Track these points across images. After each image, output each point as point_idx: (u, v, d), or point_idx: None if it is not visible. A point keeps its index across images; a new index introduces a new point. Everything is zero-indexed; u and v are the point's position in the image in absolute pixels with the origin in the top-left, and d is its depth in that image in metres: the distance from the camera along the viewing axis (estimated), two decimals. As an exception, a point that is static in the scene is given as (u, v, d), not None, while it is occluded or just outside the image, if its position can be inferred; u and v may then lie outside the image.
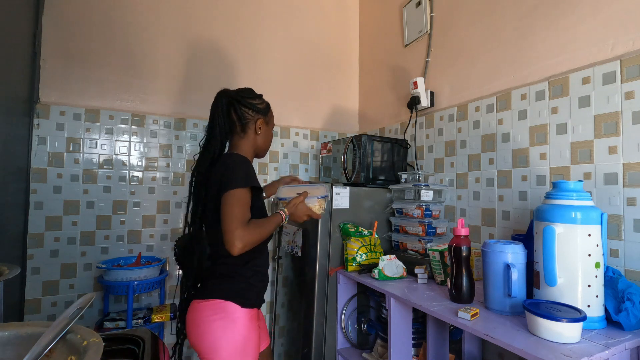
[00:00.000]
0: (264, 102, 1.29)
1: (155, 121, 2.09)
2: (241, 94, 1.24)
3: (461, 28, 1.73)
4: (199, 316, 1.10)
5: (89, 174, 1.93)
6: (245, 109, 1.22)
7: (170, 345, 1.22)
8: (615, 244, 1.11)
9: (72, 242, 1.89)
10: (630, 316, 0.90)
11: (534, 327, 0.88)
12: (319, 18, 2.57)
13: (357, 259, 1.58)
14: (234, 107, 1.22)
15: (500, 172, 1.49)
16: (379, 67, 2.42)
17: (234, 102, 1.22)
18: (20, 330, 0.60)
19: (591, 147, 1.18)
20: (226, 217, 1.05)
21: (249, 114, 1.23)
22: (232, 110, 1.22)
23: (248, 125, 1.23)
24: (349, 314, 1.70)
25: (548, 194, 1.04)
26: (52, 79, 1.87)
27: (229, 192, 1.07)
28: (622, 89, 1.11)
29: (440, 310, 1.08)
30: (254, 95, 1.27)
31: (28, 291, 1.79)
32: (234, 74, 2.29)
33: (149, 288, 1.83)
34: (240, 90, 1.26)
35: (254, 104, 1.24)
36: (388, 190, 1.85)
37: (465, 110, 1.68)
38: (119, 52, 2.01)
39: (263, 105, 1.28)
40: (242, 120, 1.22)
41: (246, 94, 1.25)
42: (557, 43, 1.30)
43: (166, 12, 2.13)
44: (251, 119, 1.23)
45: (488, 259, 1.07)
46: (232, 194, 1.07)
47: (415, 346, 1.43)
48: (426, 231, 1.59)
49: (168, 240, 2.10)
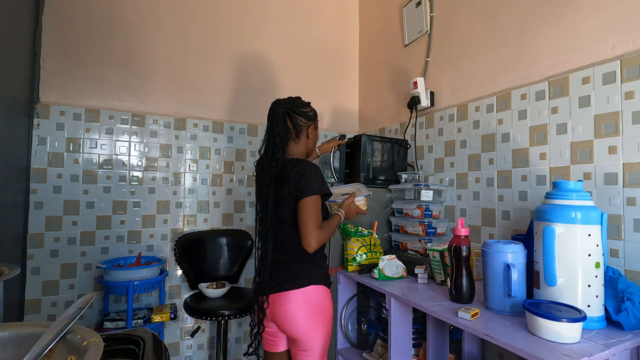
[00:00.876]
0: (312, 109, 1.41)
1: (155, 121, 2.09)
2: (295, 103, 1.36)
3: (461, 28, 1.73)
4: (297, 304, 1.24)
5: (89, 174, 1.93)
6: (299, 117, 1.35)
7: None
8: (615, 244, 1.11)
9: (72, 242, 1.89)
10: (630, 316, 0.90)
11: (534, 327, 0.88)
12: (319, 18, 2.57)
13: (357, 259, 1.58)
14: (290, 116, 1.33)
15: (500, 172, 1.49)
16: (379, 67, 2.42)
17: (289, 111, 1.33)
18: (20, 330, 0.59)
19: (591, 147, 1.18)
20: (305, 222, 1.21)
21: (302, 121, 1.35)
22: (287, 118, 1.33)
23: (302, 132, 1.36)
24: (349, 314, 1.70)
25: (548, 194, 1.04)
26: (52, 79, 1.87)
27: (307, 198, 1.21)
28: (622, 89, 1.11)
29: (440, 310, 1.08)
30: (304, 103, 1.39)
31: (28, 291, 1.79)
32: (234, 74, 2.29)
33: (149, 288, 1.83)
34: (293, 100, 1.38)
35: (306, 112, 1.36)
36: (388, 190, 1.85)
37: (465, 110, 1.68)
38: (119, 52, 2.01)
39: (312, 112, 1.40)
40: (297, 127, 1.35)
41: (299, 103, 1.37)
42: (557, 43, 1.30)
43: (166, 12, 2.13)
44: (304, 125, 1.36)
45: (488, 259, 1.07)
46: (311, 200, 1.21)
47: (415, 346, 1.43)
48: (426, 231, 1.59)
49: (168, 240, 2.10)
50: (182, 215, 2.14)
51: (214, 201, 2.22)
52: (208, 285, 1.96)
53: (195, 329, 2.06)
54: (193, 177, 2.18)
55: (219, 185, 2.24)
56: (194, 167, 2.18)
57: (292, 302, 1.24)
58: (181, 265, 2.03)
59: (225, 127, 2.27)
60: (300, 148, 1.37)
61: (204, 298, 1.91)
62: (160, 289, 2.00)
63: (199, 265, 2.06)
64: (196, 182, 2.18)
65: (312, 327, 1.24)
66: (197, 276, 2.04)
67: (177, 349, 2.09)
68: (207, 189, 2.21)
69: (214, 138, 2.24)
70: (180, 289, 2.12)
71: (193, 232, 2.13)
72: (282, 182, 1.26)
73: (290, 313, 1.23)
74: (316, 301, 1.26)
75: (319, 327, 1.25)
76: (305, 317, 1.24)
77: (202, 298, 1.91)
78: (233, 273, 2.15)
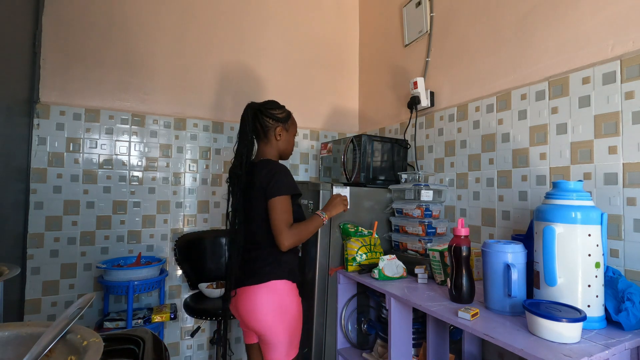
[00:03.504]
0: (284, 112, 1.45)
1: (155, 121, 2.09)
2: (264, 105, 1.42)
3: (461, 28, 1.73)
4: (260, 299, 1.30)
5: (89, 174, 1.93)
6: (267, 118, 1.40)
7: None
8: (615, 244, 1.11)
9: (72, 242, 1.89)
10: (630, 316, 0.90)
11: (534, 327, 0.88)
12: (319, 18, 2.57)
13: (357, 259, 1.58)
14: (258, 117, 1.39)
15: (500, 172, 1.49)
16: (379, 67, 2.42)
17: (258, 113, 1.40)
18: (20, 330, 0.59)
19: (591, 147, 1.18)
20: (274, 221, 1.27)
21: (269, 122, 1.40)
22: (256, 119, 1.39)
23: (269, 132, 1.41)
24: (349, 314, 1.70)
25: (548, 194, 1.04)
26: (52, 79, 1.87)
27: (276, 198, 1.27)
28: (622, 89, 1.11)
29: (440, 310, 1.08)
30: (275, 106, 1.44)
31: (28, 291, 1.79)
32: (234, 74, 2.29)
33: (149, 288, 1.83)
34: (265, 102, 1.43)
35: (274, 113, 1.41)
36: (388, 190, 1.85)
37: (465, 110, 1.68)
38: (119, 52, 2.01)
39: (283, 114, 1.44)
40: (264, 128, 1.40)
41: (269, 105, 1.42)
42: (557, 43, 1.30)
43: (166, 12, 2.13)
44: (271, 126, 1.40)
45: (488, 259, 1.07)
46: (278, 201, 1.27)
47: (415, 346, 1.43)
48: (426, 231, 1.59)
49: (168, 240, 2.10)
50: (182, 215, 2.14)
51: (214, 201, 2.22)
52: (208, 285, 1.96)
53: (195, 329, 2.06)
54: (193, 177, 2.18)
55: (219, 185, 2.24)
56: (194, 167, 2.18)
57: (254, 297, 1.29)
58: (181, 265, 2.03)
59: (225, 127, 2.27)
60: (269, 148, 1.42)
61: (204, 298, 1.91)
62: (160, 289, 2.00)
63: (199, 265, 2.06)
64: (196, 182, 2.18)
65: (275, 322, 1.28)
66: (197, 276, 2.04)
67: (177, 349, 2.09)
68: (207, 189, 2.21)
69: (214, 138, 2.24)
70: (180, 289, 2.12)
71: (193, 232, 2.13)
72: (252, 182, 1.32)
73: (252, 307, 1.28)
74: (278, 296, 1.30)
75: (282, 322, 1.29)
76: (267, 312, 1.27)
77: (202, 298, 1.92)
78: (233, 273, 2.14)
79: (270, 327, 1.28)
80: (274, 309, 1.28)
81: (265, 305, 1.28)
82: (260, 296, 1.29)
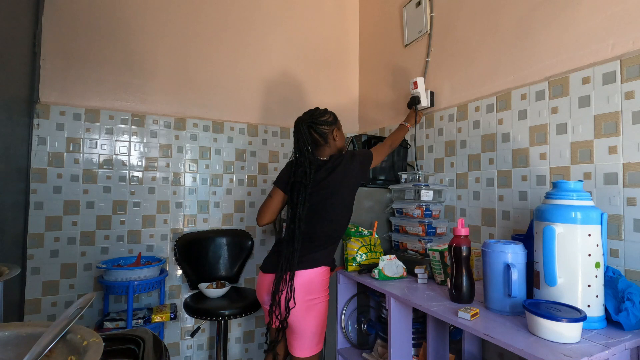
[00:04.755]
0: (331, 114, 1.56)
1: (155, 121, 2.09)
2: (314, 116, 1.52)
3: (461, 28, 1.73)
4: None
5: (89, 174, 1.93)
6: (322, 127, 1.51)
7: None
8: (615, 244, 1.11)
9: (72, 242, 1.89)
10: (630, 316, 0.90)
11: (534, 327, 0.88)
12: (319, 18, 2.57)
13: (357, 259, 1.58)
14: (313, 129, 1.50)
15: (500, 172, 1.49)
16: (379, 67, 2.42)
17: (313, 125, 1.50)
18: (20, 330, 0.59)
19: (591, 147, 1.18)
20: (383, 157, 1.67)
21: (325, 129, 1.51)
22: (312, 131, 1.50)
23: (328, 137, 1.52)
24: (349, 314, 1.70)
25: (548, 194, 1.04)
26: (52, 79, 1.87)
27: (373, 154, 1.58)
28: (622, 89, 1.11)
29: (440, 310, 1.08)
30: (323, 113, 1.54)
31: (28, 291, 1.79)
32: (234, 74, 2.29)
33: (149, 288, 1.83)
34: (312, 113, 1.53)
35: (325, 119, 1.52)
36: (388, 190, 1.85)
37: (465, 110, 1.68)
38: (118, 52, 2.01)
39: (332, 117, 1.55)
40: (323, 136, 1.51)
41: (318, 114, 1.53)
42: (557, 43, 1.30)
43: (165, 12, 2.13)
44: (328, 131, 1.52)
45: (488, 259, 1.07)
46: (375, 150, 1.62)
47: (415, 346, 1.43)
48: (426, 231, 1.59)
49: (168, 240, 2.10)
50: (182, 215, 2.14)
51: (214, 201, 2.22)
52: (208, 285, 1.96)
53: (195, 329, 2.06)
54: (193, 177, 2.18)
55: (219, 185, 2.24)
56: (194, 167, 2.18)
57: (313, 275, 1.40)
58: (181, 265, 2.03)
59: (225, 127, 2.27)
60: (330, 149, 1.54)
61: (204, 298, 1.91)
62: (160, 289, 2.00)
63: (199, 265, 2.06)
64: (196, 182, 2.18)
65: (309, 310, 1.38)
66: (197, 276, 2.04)
67: (177, 349, 2.09)
68: (207, 189, 2.21)
69: (214, 138, 2.24)
70: (180, 289, 2.12)
71: (193, 232, 2.13)
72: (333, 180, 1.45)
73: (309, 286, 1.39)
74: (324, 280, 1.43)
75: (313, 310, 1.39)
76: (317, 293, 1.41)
77: (202, 298, 1.91)
78: (233, 273, 2.15)
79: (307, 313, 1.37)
80: (316, 295, 1.40)
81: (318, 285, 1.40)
82: (315, 277, 1.39)
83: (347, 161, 1.47)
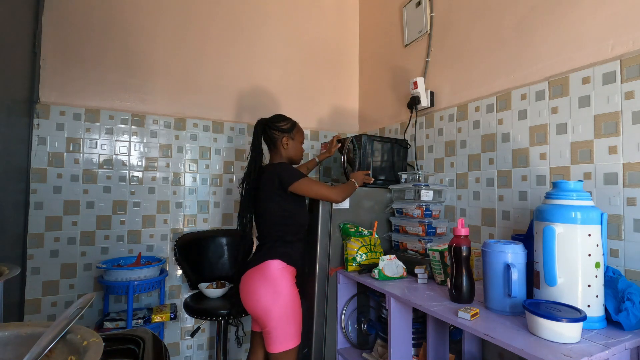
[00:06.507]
0: (289, 122, 1.60)
1: (155, 121, 2.09)
2: (271, 119, 1.59)
3: (461, 28, 1.73)
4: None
5: (89, 174, 1.93)
6: (273, 131, 1.56)
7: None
8: (615, 244, 1.11)
9: (72, 242, 1.89)
10: (630, 316, 0.90)
11: (534, 327, 0.88)
12: (319, 18, 2.57)
13: (357, 259, 1.58)
14: (266, 131, 1.57)
15: (500, 172, 1.49)
16: (379, 67, 2.42)
17: (265, 127, 1.57)
18: (20, 330, 0.59)
19: (591, 147, 1.18)
20: (317, 196, 1.48)
21: (275, 134, 1.56)
22: (264, 133, 1.57)
23: (277, 143, 1.57)
24: (349, 314, 1.70)
25: (548, 194, 1.04)
26: (52, 79, 1.87)
27: (295, 184, 1.43)
28: (622, 89, 1.11)
29: (440, 310, 1.08)
30: (280, 119, 1.59)
31: (28, 291, 1.79)
32: (234, 74, 2.29)
33: (149, 288, 1.83)
34: (271, 117, 1.61)
35: (279, 126, 1.57)
36: (388, 190, 1.85)
37: (465, 110, 1.68)
38: (118, 52, 2.01)
39: (287, 125, 1.59)
40: (272, 139, 1.57)
41: (275, 119, 1.59)
42: (557, 43, 1.30)
43: (166, 11, 2.13)
44: (278, 137, 1.56)
45: (488, 259, 1.07)
46: (300, 184, 1.44)
47: (415, 346, 1.43)
48: (426, 231, 1.59)
49: (168, 240, 2.10)
50: (182, 215, 2.14)
51: (214, 201, 2.22)
52: (208, 285, 1.96)
53: (195, 329, 2.06)
54: (193, 177, 2.18)
55: (219, 185, 2.24)
56: (194, 167, 2.18)
57: (249, 280, 1.44)
58: (181, 265, 2.03)
59: (225, 127, 2.27)
60: (279, 156, 1.58)
61: (204, 298, 1.91)
62: (160, 289, 2.00)
63: (199, 265, 2.06)
64: (196, 182, 2.18)
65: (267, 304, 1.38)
66: (197, 276, 2.04)
67: (177, 349, 2.09)
68: (207, 189, 2.21)
69: (214, 138, 2.24)
70: (180, 289, 2.12)
71: (193, 232, 2.13)
72: (260, 184, 1.51)
73: (247, 290, 1.43)
74: (270, 276, 1.41)
75: (275, 304, 1.38)
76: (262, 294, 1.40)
77: (202, 298, 1.91)
78: (233, 273, 2.14)
79: (264, 308, 1.37)
80: (267, 289, 1.38)
81: (259, 286, 1.39)
82: (254, 278, 1.41)
83: (270, 172, 1.48)
